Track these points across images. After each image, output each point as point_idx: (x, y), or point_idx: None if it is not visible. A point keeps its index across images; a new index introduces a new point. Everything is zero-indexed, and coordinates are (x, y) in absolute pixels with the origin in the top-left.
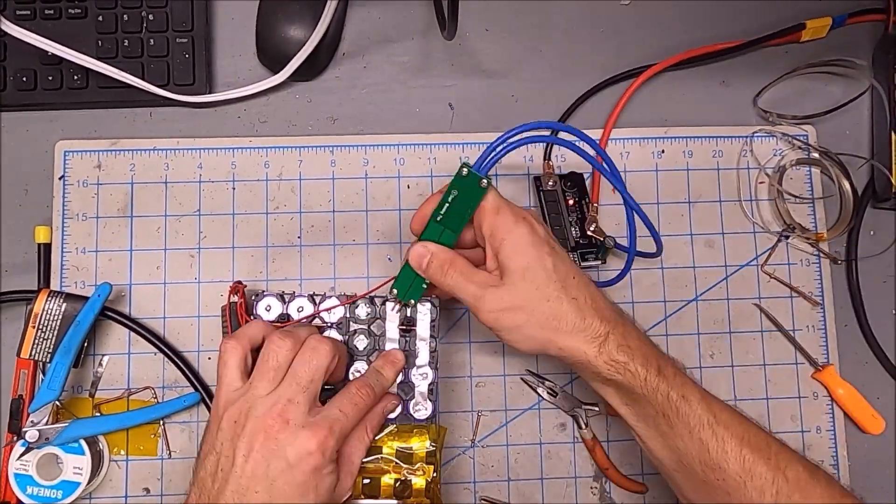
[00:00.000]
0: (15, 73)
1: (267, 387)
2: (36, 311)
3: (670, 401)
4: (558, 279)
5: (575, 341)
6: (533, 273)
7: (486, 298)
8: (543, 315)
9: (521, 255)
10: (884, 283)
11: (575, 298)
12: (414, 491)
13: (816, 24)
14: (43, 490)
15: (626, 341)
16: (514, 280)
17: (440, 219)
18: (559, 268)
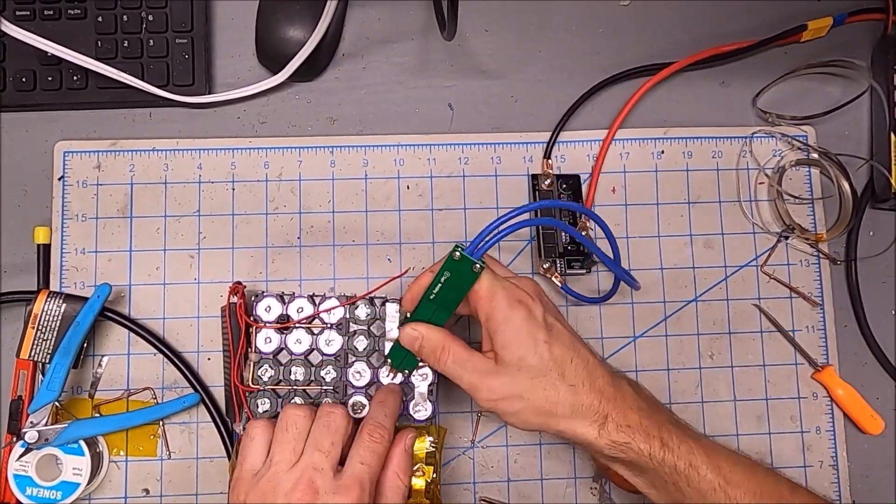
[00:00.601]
0: (14, 74)
1: (290, 459)
2: (35, 312)
3: (678, 471)
4: (555, 367)
5: (574, 426)
6: (528, 363)
7: (482, 388)
8: (540, 402)
9: (516, 345)
10: (883, 283)
11: (573, 385)
12: (414, 492)
13: (817, 24)
14: (42, 491)
15: (626, 420)
16: (510, 370)
17: (433, 297)
18: (556, 354)
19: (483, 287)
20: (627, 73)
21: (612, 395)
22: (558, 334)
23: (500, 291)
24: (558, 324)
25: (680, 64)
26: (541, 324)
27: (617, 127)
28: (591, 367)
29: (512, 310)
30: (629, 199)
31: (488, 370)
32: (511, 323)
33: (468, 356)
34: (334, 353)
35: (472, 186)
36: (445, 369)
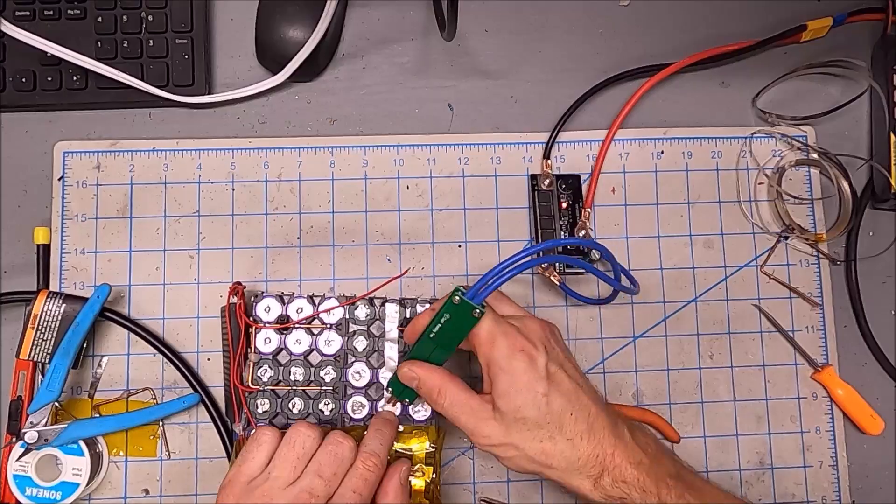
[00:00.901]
0: (14, 74)
1: (288, 476)
2: (35, 312)
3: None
4: (553, 420)
5: (569, 478)
6: (525, 415)
7: (478, 433)
8: (535, 453)
9: (513, 395)
10: (883, 283)
11: (570, 439)
12: (413, 492)
13: (817, 24)
14: (42, 491)
15: (623, 476)
16: (507, 420)
17: (433, 336)
18: (555, 407)
19: (483, 332)
20: (627, 73)
21: (611, 448)
22: (559, 385)
23: (501, 338)
24: (561, 372)
25: (680, 64)
26: (541, 375)
27: (617, 127)
28: (592, 419)
29: (512, 358)
30: (629, 199)
31: (485, 416)
32: (510, 373)
33: (466, 399)
34: (334, 353)
35: (471, 187)
36: (443, 411)
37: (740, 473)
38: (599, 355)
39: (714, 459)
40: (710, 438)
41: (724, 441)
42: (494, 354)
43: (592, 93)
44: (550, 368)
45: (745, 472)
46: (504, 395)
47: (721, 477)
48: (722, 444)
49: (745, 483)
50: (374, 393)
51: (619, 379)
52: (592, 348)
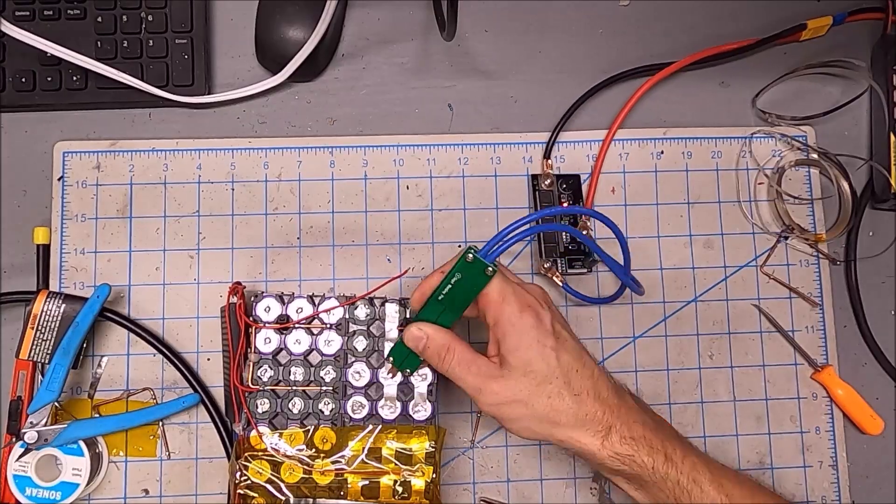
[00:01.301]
0: (14, 74)
1: None
2: (35, 312)
3: (681, 486)
4: (561, 374)
5: (577, 435)
6: (534, 369)
7: (486, 391)
8: (543, 410)
9: (523, 349)
10: (883, 283)
11: (577, 394)
12: (413, 492)
13: (817, 23)
14: (42, 491)
15: (630, 432)
16: (515, 374)
17: (441, 298)
18: (563, 361)
19: (494, 290)
20: (627, 73)
21: (616, 407)
22: (565, 342)
23: (511, 296)
24: (565, 332)
25: (679, 64)
26: (549, 331)
27: (616, 127)
28: (596, 378)
29: (522, 315)
30: (629, 199)
31: (492, 374)
32: (520, 328)
33: (473, 358)
34: (334, 353)
35: (471, 187)
36: (449, 371)
37: None
38: (599, 355)
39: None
40: (710, 438)
41: (724, 441)
42: (505, 311)
43: (592, 93)
44: (556, 327)
45: (745, 472)
46: (514, 351)
47: None
48: (722, 444)
49: None
50: (374, 393)
51: (619, 379)
52: (592, 348)
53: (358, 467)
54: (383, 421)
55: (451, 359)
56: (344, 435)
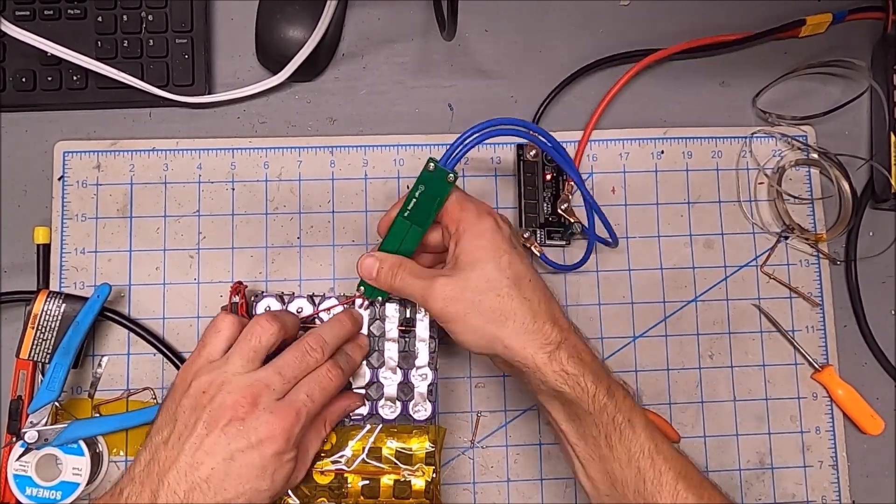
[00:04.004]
0: (14, 74)
1: (245, 366)
2: (35, 312)
3: (615, 423)
4: (512, 276)
5: (524, 343)
6: (485, 264)
7: (434, 287)
8: (491, 308)
9: (476, 247)
10: (883, 283)
11: (528, 299)
12: (413, 492)
13: (816, 20)
14: (42, 491)
15: (579, 353)
16: (466, 270)
17: (407, 214)
18: (514, 266)
19: (453, 201)
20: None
21: (567, 326)
22: (521, 255)
23: (471, 202)
24: (521, 248)
25: (678, 47)
26: (506, 237)
27: (601, 111)
28: (549, 296)
29: (480, 218)
30: (629, 199)
31: (441, 277)
32: (478, 229)
33: (422, 270)
34: None
35: (471, 187)
36: (401, 282)
37: (740, 473)
38: (599, 355)
39: (714, 459)
40: (710, 438)
41: (724, 441)
42: (464, 215)
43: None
44: (512, 239)
45: (745, 472)
46: (467, 247)
47: (721, 477)
48: (722, 443)
49: (745, 483)
50: (374, 393)
51: (620, 377)
52: (592, 348)
53: (358, 467)
54: (383, 421)
55: (402, 272)
56: (344, 435)
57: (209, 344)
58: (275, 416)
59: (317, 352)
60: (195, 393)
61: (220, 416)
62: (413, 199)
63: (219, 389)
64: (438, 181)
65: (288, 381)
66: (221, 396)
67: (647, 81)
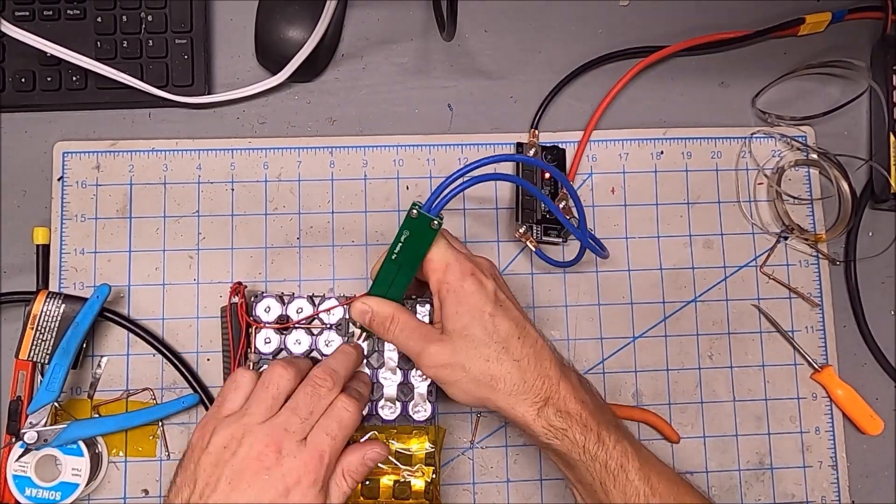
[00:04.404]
0: (14, 74)
1: (264, 413)
2: (34, 313)
3: (608, 469)
4: (499, 340)
5: (513, 403)
6: (472, 332)
7: (426, 354)
8: (481, 373)
9: (461, 314)
10: (882, 283)
11: (517, 360)
12: (413, 492)
13: (815, 18)
14: (41, 491)
15: (567, 406)
16: (454, 338)
17: (394, 258)
18: (501, 328)
19: (436, 255)
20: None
21: (556, 380)
22: (507, 311)
23: (454, 262)
24: (509, 302)
25: (675, 47)
26: (490, 297)
27: (606, 104)
28: (539, 348)
29: (463, 280)
30: (628, 199)
31: (433, 338)
32: (460, 294)
33: (415, 325)
34: None
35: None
36: (393, 338)
37: (740, 473)
38: (599, 355)
39: (714, 459)
40: (710, 438)
41: (723, 441)
42: (447, 276)
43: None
44: (499, 295)
45: (744, 472)
46: (452, 315)
47: (721, 477)
48: (722, 444)
49: (745, 483)
50: (373, 393)
51: (618, 379)
52: (592, 348)
53: None
54: (383, 421)
55: (394, 328)
56: None
57: (228, 399)
58: (299, 461)
59: (327, 381)
60: (216, 450)
61: (245, 468)
62: (399, 243)
63: (240, 443)
64: (423, 227)
65: (305, 419)
66: (245, 449)
67: (646, 81)
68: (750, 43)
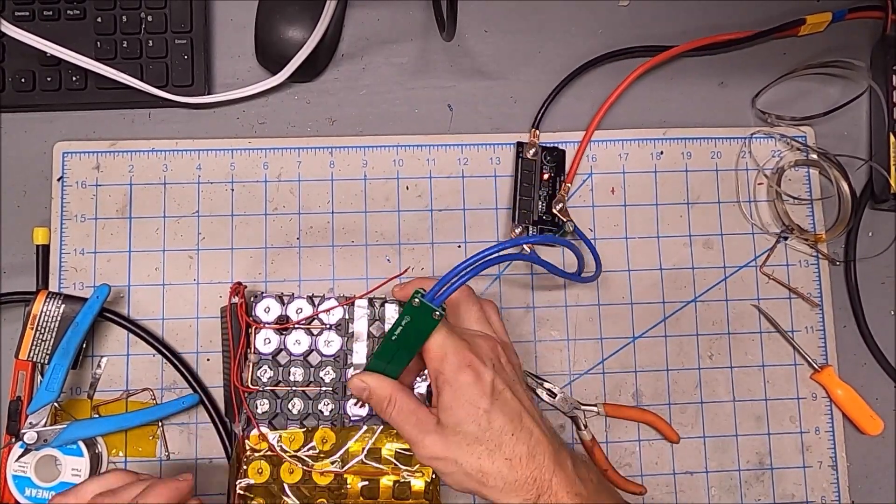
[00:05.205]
0: (14, 75)
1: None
2: (34, 313)
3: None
4: (492, 437)
5: (504, 499)
6: (465, 429)
7: (421, 444)
8: (472, 469)
9: (455, 408)
10: (882, 283)
11: (509, 459)
12: (413, 492)
13: (816, 18)
14: (41, 492)
15: (559, 501)
16: (447, 433)
17: (394, 339)
18: (496, 425)
19: (435, 345)
20: (624, 51)
21: (550, 475)
22: (503, 405)
23: (451, 352)
24: (507, 392)
25: (678, 49)
26: (486, 392)
27: (608, 106)
28: (534, 443)
29: (459, 373)
30: (628, 199)
31: (428, 428)
32: (455, 387)
33: (413, 409)
34: (333, 353)
35: (471, 187)
36: (390, 419)
37: (740, 474)
38: (599, 355)
39: (714, 460)
40: (710, 439)
41: (723, 441)
42: (443, 367)
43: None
44: (497, 386)
45: (744, 473)
46: (447, 409)
47: (721, 477)
48: (721, 444)
49: (744, 483)
50: None
51: (618, 379)
52: (592, 348)
53: (358, 468)
54: (383, 421)
55: (391, 409)
56: (343, 435)
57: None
58: None
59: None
60: None
61: None
62: (399, 326)
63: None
64: (425, 315)
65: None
66: None
67: (646, 82)
68: (750, 43)
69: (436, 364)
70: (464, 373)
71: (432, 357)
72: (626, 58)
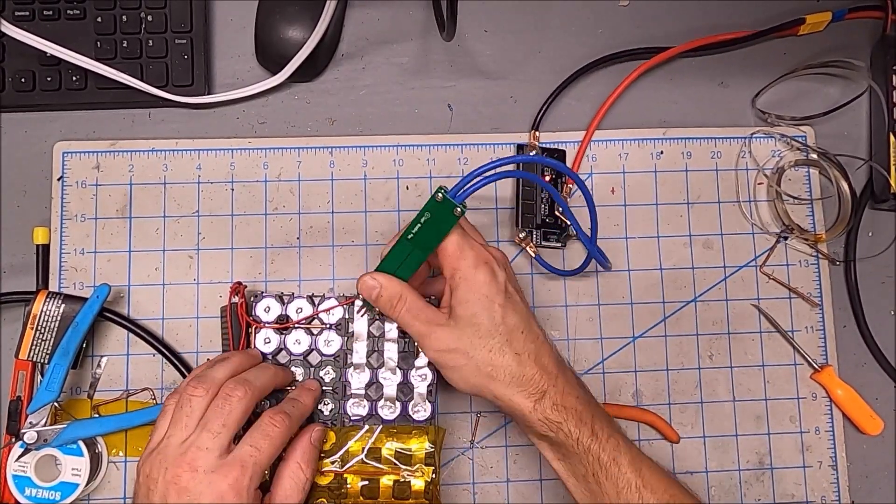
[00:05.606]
0: (14, 74)
1: (181, 435)
2: (34, 312)
3: (601, 462)
4: (504, 331)
5: (511, 393)
6: (479, 321)
7: (431, 337)
8: (482, 362)
9: (472, 301)
10: (882, 283)
11: (518, 353)
12: (413, 492)
13: (816, 18)
14: (41, 492)
15: (563, 400)
16: (461, 325)
17: (411, 237)
18: (508, 320)
19: (452, 243)
20: (624, 53)
21: (554, 375)
22: (515, 304)
23: (469, 250)
24: (517, 296)
25: (677, 49)
26: (501, 288)
27: (604, 112)
28: (540, 344)
29: (476, 268)
30: (628, 199)
31: (439, 322)
32: (472, 280)
33: (423, 307)
34: (333, 353)
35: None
36: (399, 318)
37: (740, 473)
38: (599, 355)
39: (714, 459)
40: (710, 438)
41: (723, 441)
42: (461, 264)
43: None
44: (509, 288)
45: (744, 473)
46: (463, 302)
47: (721, 477)
48: (721, 444)
49: (744, 483)
50: (373, 393)
51: (618, 379)
52: (592, 348)
53: (357, 468)
54: (383, 421)
55: (401, 306)
56: (343, 435)
57: (157, 429)
58: (218, 475)
59: (237, 390)
60: (143, 479)
61: (167, 492)
62: (418, 223)
63: (160, 468)
64: (445, 212)
65: (219, 434)
66: (163, 474)
67: (646, 82)
68: (750, 43)
69: (452, 262)
70: (481, 270)
71: (449, 254)
72: (626, 59)
